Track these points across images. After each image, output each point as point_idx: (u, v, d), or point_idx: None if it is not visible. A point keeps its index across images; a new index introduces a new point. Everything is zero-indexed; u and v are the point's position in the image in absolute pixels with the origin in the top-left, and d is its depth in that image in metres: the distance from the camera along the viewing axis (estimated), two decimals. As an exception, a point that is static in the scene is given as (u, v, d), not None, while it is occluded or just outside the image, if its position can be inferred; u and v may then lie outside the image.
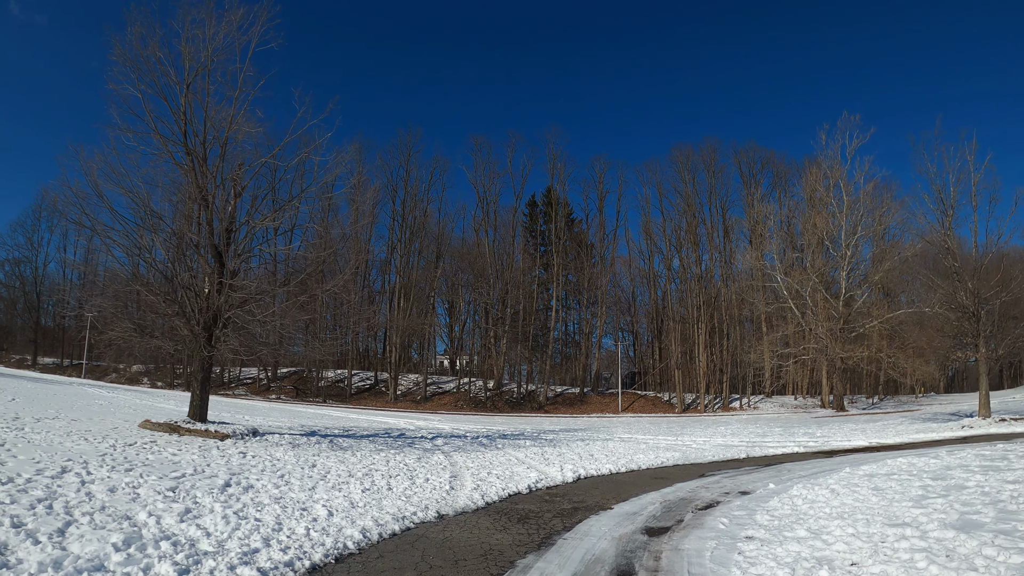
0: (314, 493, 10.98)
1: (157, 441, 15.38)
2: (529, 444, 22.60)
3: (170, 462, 12.59)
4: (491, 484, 13.19)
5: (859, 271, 52.54)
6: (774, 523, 9.43)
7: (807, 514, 9.94)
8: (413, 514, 9.94)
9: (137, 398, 36.35)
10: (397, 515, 9.74)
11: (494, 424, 37.97)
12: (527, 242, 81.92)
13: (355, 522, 9.09)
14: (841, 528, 8.70)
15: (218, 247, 18.84)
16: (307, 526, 8.67)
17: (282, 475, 12.44)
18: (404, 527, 9.26)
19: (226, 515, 8.87)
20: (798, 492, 11.97)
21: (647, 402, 70.93)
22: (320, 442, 18.65)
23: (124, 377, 73.22)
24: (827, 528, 8.81)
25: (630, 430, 33.32)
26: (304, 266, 21.36)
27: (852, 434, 27.38)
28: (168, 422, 17.91)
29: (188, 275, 19.19)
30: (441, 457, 17.38)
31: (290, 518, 9.04)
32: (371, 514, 9.68)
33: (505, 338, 72.07)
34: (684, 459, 19.18)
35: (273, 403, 55.95)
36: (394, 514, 9.78)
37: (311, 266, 21.53)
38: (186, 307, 18.53)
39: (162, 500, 9.33)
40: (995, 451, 16.70)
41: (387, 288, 79.77)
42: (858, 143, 50.52)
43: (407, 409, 60.82)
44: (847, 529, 8.64)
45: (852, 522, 9.01)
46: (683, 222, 78.42)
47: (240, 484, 11.19)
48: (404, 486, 12.34)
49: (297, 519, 9.02)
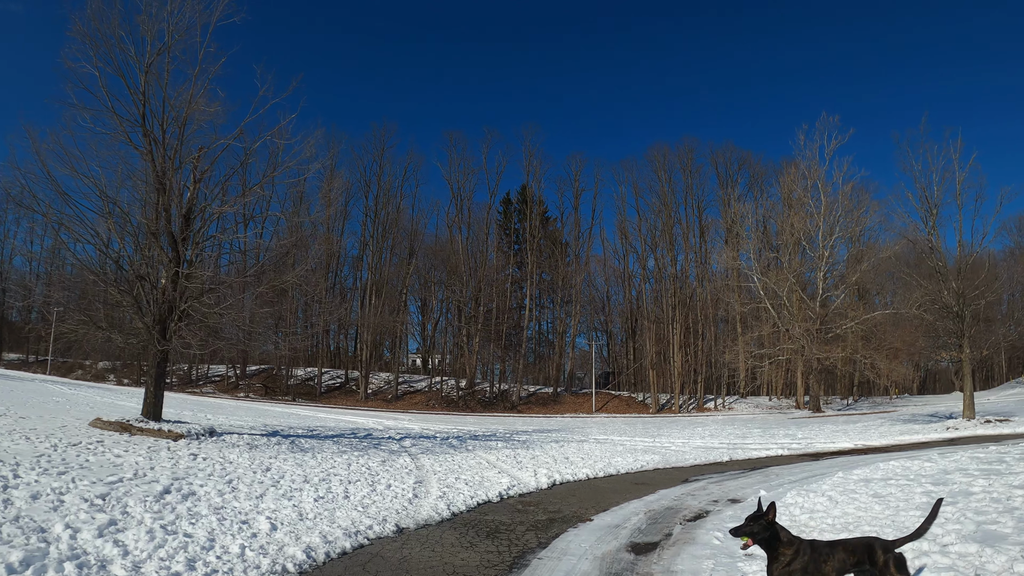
0: (261, 502, 9.81)
1: (104, 441, 14.21)
2: (501, 446, 21.53)
3: (111, 465, 11.45)
4: (459, 491, 12.07)
5: (836, 271, 52.27)
6: (774, 537, 8.44)
7: (808, 526, 8.97)
8: (369, 528, 8.79)
9: (98, 395, 34.76)
10: (350, 529, 8.58)
11: (466, 424, 36.83)
12: (501, 240, 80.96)
13: (300, 538, 7.93)
14: (850, 544, 7.73)
15: (175, 235, 17.68)
16: (244, 543, 7.51)
17: (230, 480, 11.26)
18: (357, 544, 8.12)
19: (152, 529, 7.70)
20: (793, 500, 10.99)
21: (621, 402, 70.21)
22: (280, 443, 17.46)
23: (90, 374, 71.15)
24: (834, 543, 7.84)
25: (605, 431, 32.43)
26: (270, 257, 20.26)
27: (834, 435, 26.66)
28: (120, 421, 16.78)
29: (144, 264, 18.07)
30: (407, 460, 16.24)
31: (226, 533, 7.88)
32: (320, 528, 8.52)
33: (478, 337, 70.96)
34: (664, 462, 18.24)
35: (241, 401, 54.35)
36: (346, 528, 8.62)
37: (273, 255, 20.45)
38: (141, 298, 17.40)
39: (87, 509, 8.20)
40: (989, 454, 15.93)
41: (359, 285, 78.53)
42: (837, 144, 50.28)
43: (378, 408, 59.52)
44: (857, 545, 7.67)
45: (860, 535, 8.02)
46: (659, 222, 78.09)
47: (181, 491, 10.02)
48: (363, 494, 11.18)
49: (234, 534, 7.86)
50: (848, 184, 50.07)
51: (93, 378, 68.19)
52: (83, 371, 72.54)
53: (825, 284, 50.15)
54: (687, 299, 74.51)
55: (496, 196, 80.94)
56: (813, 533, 8.45)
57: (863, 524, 8.71)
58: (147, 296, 17.47)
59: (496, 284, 74.73)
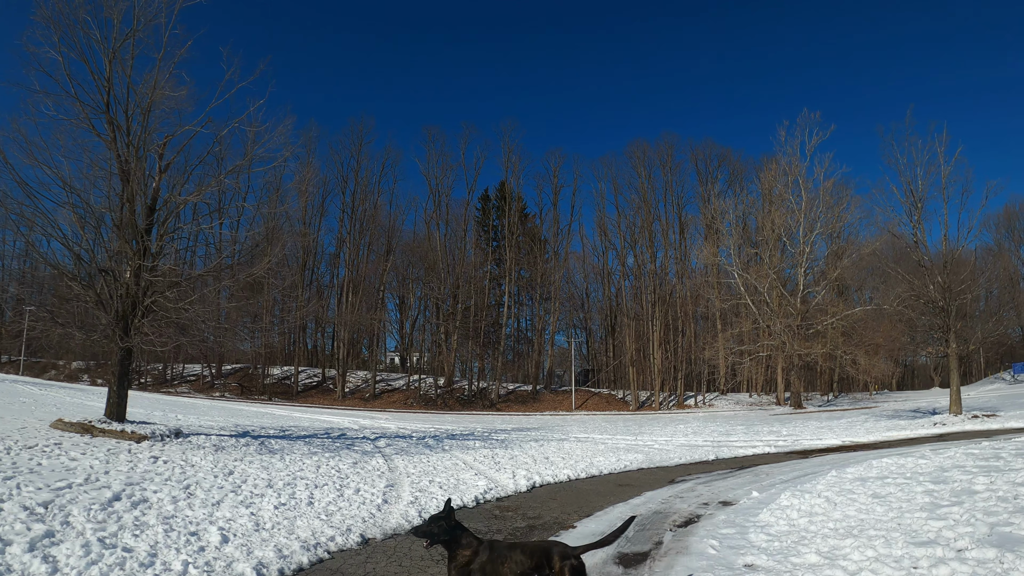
0: (216, 510, 8.99)
1: (63, 443, 13.37)
2: (479, 445, 20.76)
3: (63, 469, 10.64)
4: (432, 496, 11.26)
5: (817, 268, 52.05)
6: (774, 544, 7.75)
7: (809, 531, 8.31)
8: (330, 539, 7.97)
9: (68, 395, 33.62)
10: (309, 542, 7.76)
11: (444, 423, 36.01)
12: (479, 236, 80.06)
13: (252, 553, 7.12)
14: (859, 550, 7.05)
15: (139, 226, 16.84)
16: (188, 559, 6.70)
17: (187, 486, 10.42)
18: (315, 558, 7.31)
19: (89, 543, 6.89)
20: (788, 502, 10.31)
21: (601, 400, 69.66)
22: (249, 444, 16.60)
23: (63, 374, 69.60)
24: (840, 550, 7.17)
25: (586, 429, 31.76)
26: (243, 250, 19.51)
27: (820, 432, 26.16)
28: (82, 422, 15.90)
29: (107, 257, 17.28)
30: (380, 461, 15.43)
31: (171, 547, 7.07)
32: (277, 540, 7.71)
33: (456, 334, 70.10)
34: (648, 462, 17.55)
35: (216, 401, 53.16)
36: (305, 540, 7.80)
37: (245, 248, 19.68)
38: (104, 293, 16.58)
39: (24, 519, 7.42)
40: (984, 450, 15.44)
41: (336, 283, 77.39)
42: (818, 140, 50.11)
43: (355, 407, 58.59)
44: (866, 552, 7.00)
45: (867, 540, 7.37)
46: (638, 218, 77.73)
47: (132, 498, 9.20)
48: (329, 499, 10.36)
49: (179, 548, 7.05)
50: (830, 180, 49.95)
51: (66, 378, 66.77)
52: (56, 371, 71.11)
53: (806, 280, 49.92)
54: (667, 296, 74.18)
55: (474, 192, 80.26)
56: (816, 539, 7.79)
57: (867, 528, 8.05)
58: (110, 291, 16.69)
59: (474, 281, 73.89)
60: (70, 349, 67.28)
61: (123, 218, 17.06)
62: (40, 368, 71.45)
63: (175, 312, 17.16)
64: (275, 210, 22.15)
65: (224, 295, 19.23)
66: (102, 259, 17.22)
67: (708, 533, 8.60)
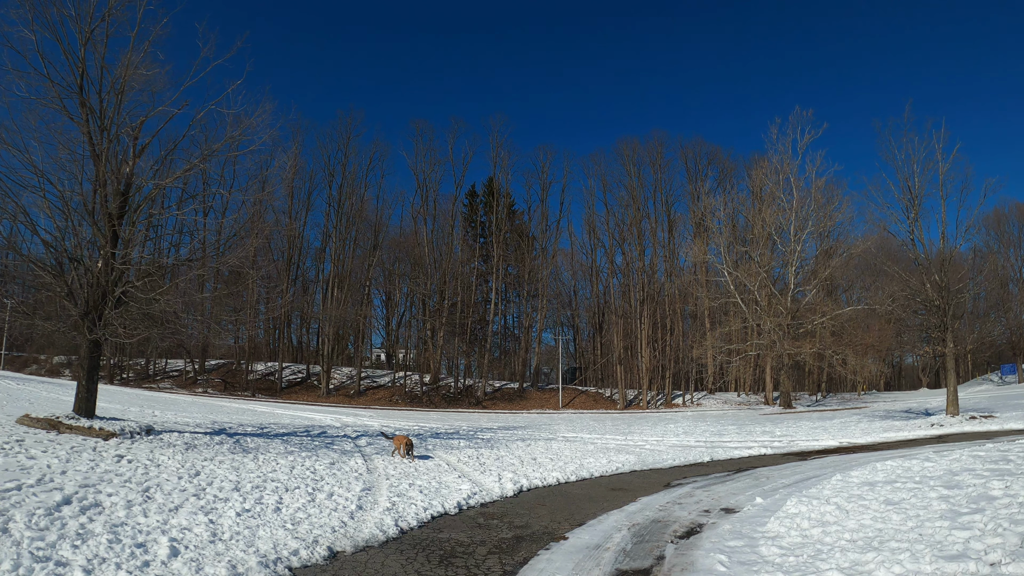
0: (173, 516, 8.17)
1: (25, 440, 12.71)
2: (464, 445, 19.94)
3: (18, 468, 9.92)
4: (411, 501, 10.42)
5: (807, 267, 51.55)
6: (789, 559, 6.99)
7: (824, 543, 7.56)
8: (294, 552, 7.13)
9: (46, 390, 32.70)
10: (269, 556, 6.91)
11: (429, 421, 35.13)
12: (467, 232, 78.98)
13: (202, 570, 6.28)
14: (884, 566, 6.31)
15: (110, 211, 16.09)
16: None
17: (147, 488, 9.60)
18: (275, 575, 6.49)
19: (20, 556, 6.12)
20: (796, 509, 9.57)
21: (588, 398, 68.94)
22: (223, 442, 15.78)
23: (44, 369, 68.07)
24: (864, 565, 6.44)
25: (574, 428, 31.00)
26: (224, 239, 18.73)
27: (814, 433, 25.47)
28: (49, 417, 15.27)
29: (77, 245, 16.62)
30: (359, 462, 14.59)
31: (111, 561, 6.25)
32: (232, 554, 6.85)
33: (443, 331, 69.14)
34: (641, 463, 16.78)
35: (198, 397, 51.99)
36: (265, 554, 6.95)
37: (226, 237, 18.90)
38: (74, 284, 16.00)
39: (-42, 527, 6.56)
40: (990, 452, 14.80)
41: (321, 278, 76.16)
42: (810, 138, 49.48)
43: (339, 404, 57.57)
44: (892, 568, 6.26)
45: (892, 554, 6.63)
46: (627, 216, 76.91)
47: (84, 501, 8.40)
48: (298, 505, 9.52)
49: (121, 563, 6.22)
50: (821, 179, 49.40)
51: (47, 373, 65.43)
52: (38, 366, 69.75)
53: (796, 279, 49.41)
54: (655, 294, 73.50)
55: (462, 187, 79.03)
56: (834, 552, 7.05)
57: (888, 539, 7.31)
58: (80, 280, 16.11)
59: (461, 277, 72.91)
60: (52, 343, 66.06)
61: (94, 203, 16.31)
62: (21, 363, 70.32)
63: (146, 303, 16.38)
64: (259, 195, 21.22)
65: (208, 288, 18.40)
66: (72, 246, 16.53)
67: (714, 546, 7.83)
